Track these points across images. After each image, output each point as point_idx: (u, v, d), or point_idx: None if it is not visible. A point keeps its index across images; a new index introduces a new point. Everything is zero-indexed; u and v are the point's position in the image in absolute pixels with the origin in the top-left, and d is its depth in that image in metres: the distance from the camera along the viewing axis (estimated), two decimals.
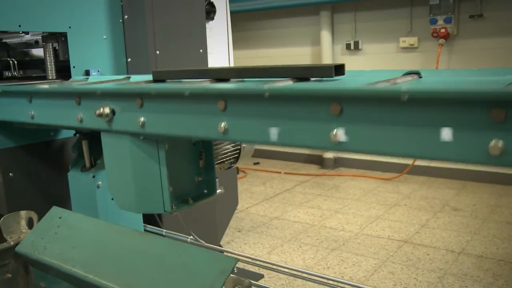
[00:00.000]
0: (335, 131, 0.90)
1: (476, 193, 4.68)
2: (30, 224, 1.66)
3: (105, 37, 2.29)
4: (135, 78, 1.81)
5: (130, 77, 1.87)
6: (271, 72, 1.19)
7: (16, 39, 2.55)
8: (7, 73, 2.44)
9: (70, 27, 2.14)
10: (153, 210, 1.47)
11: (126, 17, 2.36)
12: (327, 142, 0.92)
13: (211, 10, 3.08)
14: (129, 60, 2.38)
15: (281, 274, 2.78)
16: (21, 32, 2.23)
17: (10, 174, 1.98)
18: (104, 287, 1.23)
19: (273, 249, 3.52)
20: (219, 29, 3.28)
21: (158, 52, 2.37)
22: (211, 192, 1.57)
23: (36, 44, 2.47)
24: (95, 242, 1.42)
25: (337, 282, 2.11)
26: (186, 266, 1.18)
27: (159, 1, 2.45)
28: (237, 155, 1.99)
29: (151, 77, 1.46)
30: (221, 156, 1.89)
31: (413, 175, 5.35)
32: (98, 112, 1.36)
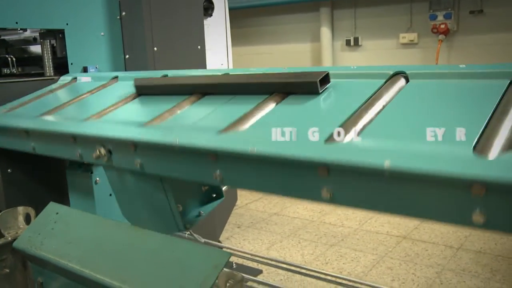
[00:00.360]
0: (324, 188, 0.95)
1: None
2: (27, 219, 1.68)
3: (102, 34, 2.30)
4: (124, 76, 1.82)
5: (118, 77, 1.88)
6: (253, 88, 1.23)
7: (14, 36, 2.56)
8: (6, 70, 2.45)
9: (67, 24, 2.14)
10: (168, 230, 1.49)
11: (123, 13, 2.36)
12: (317, 197, 0.97)
13: (209, 6, 3.08)
14: (127, 56, 2.38)
15: (279, 269, 2.80)
16: (19, 29, 2.23)
17: (8, 170, 1.99)
18: (99, 282, 1.25)
19: (272, 245, 3.53)
20: (218, 26, 3.28)
21: (156, 48, 2.38)
22: (219, 195, 1.59)
23: (34, 41, 2.47)
24: (91, 237, 1.43)
25: (336, 277, 2.13)
26: (180, 260, 1.19)
27: None
28: None
29: (143, 75, 1.46)
30: None
31: None
32: (95, 154, 1.37)
